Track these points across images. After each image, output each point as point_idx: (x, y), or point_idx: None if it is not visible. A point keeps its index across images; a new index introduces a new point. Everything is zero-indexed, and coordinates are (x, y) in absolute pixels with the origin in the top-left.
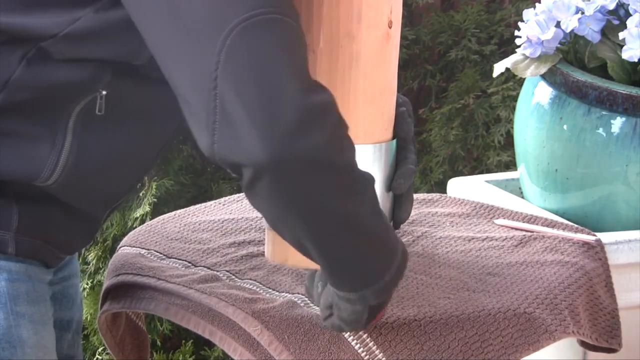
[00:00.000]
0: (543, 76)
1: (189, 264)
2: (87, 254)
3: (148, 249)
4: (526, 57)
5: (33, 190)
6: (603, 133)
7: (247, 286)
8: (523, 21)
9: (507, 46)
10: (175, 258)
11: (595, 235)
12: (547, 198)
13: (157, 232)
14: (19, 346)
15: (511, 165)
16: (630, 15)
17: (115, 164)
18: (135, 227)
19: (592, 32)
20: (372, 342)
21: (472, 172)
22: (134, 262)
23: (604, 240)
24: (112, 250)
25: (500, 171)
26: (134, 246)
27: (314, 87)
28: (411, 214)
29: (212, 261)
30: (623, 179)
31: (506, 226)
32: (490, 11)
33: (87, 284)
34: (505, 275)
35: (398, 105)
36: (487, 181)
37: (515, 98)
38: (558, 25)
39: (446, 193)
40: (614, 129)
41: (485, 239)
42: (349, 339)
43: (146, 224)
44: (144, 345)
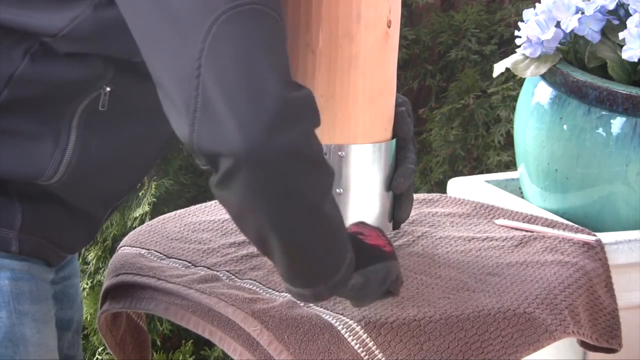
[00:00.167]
0: (543, 76)
1: (189, 264)
2: (87, 254)
3: (148, 249)
4: (526, 57)
5: (36, 189)
6: (603, 133)
7: (247, 286)
8: (523, 21)
9: (507, 46)
10: (175, 258)
11: (595, 235)
12: (547, 198)
13: (157, 232)
14: (22, 345)
15: (511, 165)
16: (630, 15)
17: (117, 163)
18: (135, 227)
19: (592, 32)
20: (372, 342)
21: (472, 172)
22: (134, 262)
23: (604, 240)
24: (112, 250)
25: (500, 171)
26: (134, 246)
27: (293, 82)
28: (411, 214)
29: (212, 261)
30: (623, 179)
31: (506, 226)
32: (490, 11)
33: (87, 284)
34: (505, 275)
35: (397, 105)
36: (487, 181)
37: (515, 98)
38: (558, 25)
39: (446, 193)
40: (614, 129)
41: (485, 239)
42: (349, 339)
43: (146, 224)
44: (145, 345)
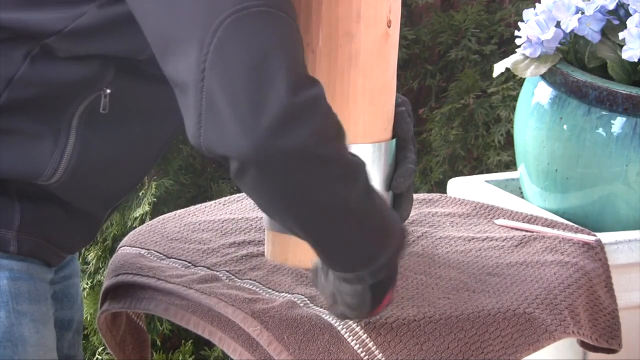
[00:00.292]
0: (543, 76)
1: (189, 264)
2: (87, 254)
3: (148, 249)
4: (526, 57)
5: (35, 188)
6: (603, 133)
7: (247, 286)
8: (523, 21)
9: (507, 46)
10: (175, 258)
11: (595, 235)
12: (547, 198)
13: (157, 232)
14: (20, 345)
15: (511, 165)
16: (630, 15)
17: (117, 164)
18: (134, 227)
19: (592, 32)
20: (372, 343)
21: (472, 172)
22: (134, 262)
23: (604, 240)
24: (112, 250)
25: (500, 171)
26: (134, 246)
27: (304, 81)
28: (411, 214)
29: (212, 261)
30: (623, 179)
31: (506, 226)
32: (490, 11)
33: (87, 284)
34: (505, 275)
35: (397, 104)
36: (487, 181)
37: (515, 98)
38: (558, 25)
39: (446, 193)
40: (614, 129)
41: (485, 239)
42: (349, 339)
43: (146, 224)
44: (145, 345)
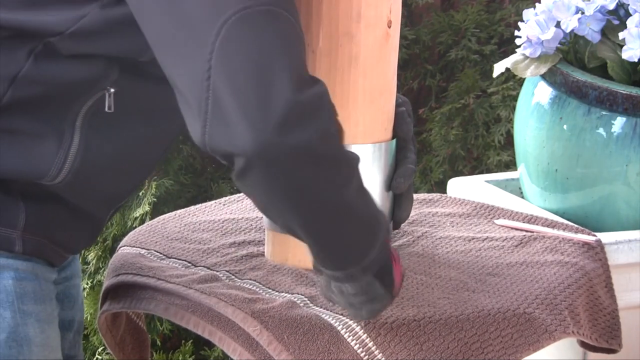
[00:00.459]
0: (543, 76)
1: (189, 264)
2: (87, 254)
3: (148, 249)
4: (526, 57)
5: (39, 189)
6: (603, 133)
7: (247, 286)
8: (523, 21)
9: (507, 46)
10: (175, 258)
11: (595, 235)
12: (547, 198)
13: (157, 232)
14: (26, 345)
15: (511, 165)
16: (630, 15)
17: (120, 164)
18: (135, 227)
19: (592, 32)
20: (372, 343)
21: (472, 172)
22: (134, 262)
23: (604, 240)
24: (112, 250)
25: (500, 171)
26: (134, 246)
27: (307, 80)
28: (411, 214)
29: (212, 261)
30: (623, 179)
31: (506, 226)
32: (490, 11)
33: (87, 284)
34: (505, 275)
35: (397, 105)
36: (487, 181)
37: (515, 98)
38: (558, 25)
39: (446, 193)
40: (614, 129)
41: (485, 239)
42: (348, 339)
43: (146, 224)
44: (145, 345)
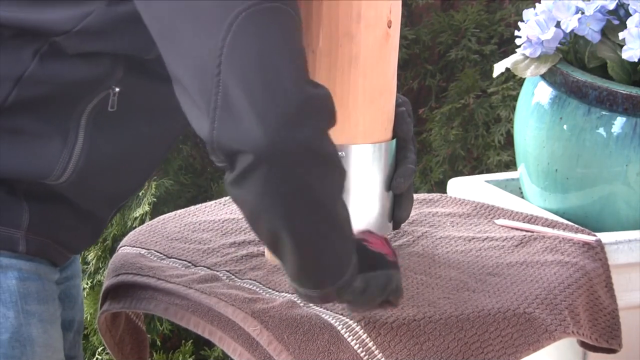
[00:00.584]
0: (543, 76)
1: (189, 264)
2: (87, 254)
3: (148, 249)
4: (526, 57)
5: (43, 188)
6: (603, 133)
7: (247, 286)
8: (523, 21)
9: (507, 46)
10: (175, 258)
11: (595, 235)
12: (547, 198)
13: (157, 232)
14: (29, 345)
15: (511, 165)
16: (630, 15)
17: (124, 163)
18: (134, 227)
19: (592, 32)
20: (372, 342)
21: (472, 172)
22: (134, 262)
23: (604, 240)
24: (112, 250)
25: (500, 171)
26: (134, 246)
27: (312, 81)
28: (411, 214)
29: (212, 261)
30: (623, 179)
31: (506, 226)
32: (490, 11)
33: (87, 284)
34: (505, 275)
35: (397, 105)
36: (487, 181)
37: (515, 98)
38: (558, 25)
39: (446, 193)
40: (614, 129)
41: (485, 239)
42: (348, 339)
43: (146, 224)
44: (144, 345)
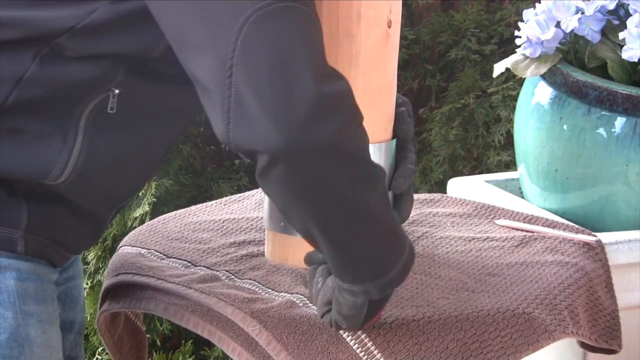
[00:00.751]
0: (543, 76)
1: (189, 264)
2: (87, 254)
3: (148, 249)
4: (526, 57)
5: (42, 189)
6: (603, 133)
7: (247, 286)
8: (523, 21)
9: (507, 46)
10: (175, 258)
11: (595, 235)
12: (547, 198)
13: (158, 232)
14: (27, 345)
15: (511, 165)
16: (630, 15)
17: (123, 164)
18: (134, 227)
19: (592, 32)
20: (371, 343)
21: (472, 172)
22: (134, 262)
23: (604, 240)
24: (112, 250)
25: (500, 171)
26: (134, 246)
27: (330, 76)
28: (412, 214)
29: (212, 261)
30: (623, 179)
31: (506, 226)
32: (490, 11)
33: (87, 284)
34: (505, 275)
35: (398, 105)
36: (487, 181)
37: (515, 98)
38: (558, 25)
39: (446, 193)
40: (614, 129)
41: (485, 239)
42: (348, 339)
43: (146, 224)
44: (142, 345)
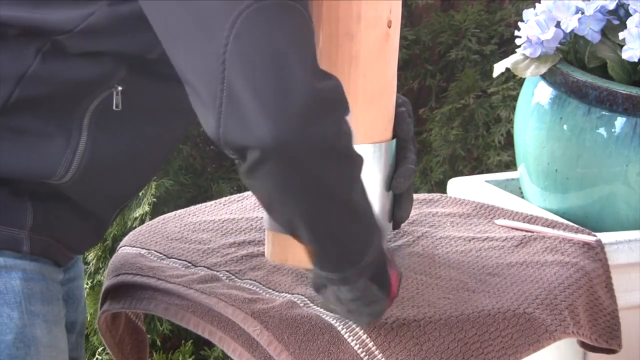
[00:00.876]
0: (543, 76)
1: (189, 264)
2: (87, 254)
3: (148, 249)
4: (526, 57)
5: (46, 188)
6: (603, 133)
7: (247, 286)
8: (523, 21)
9: (507, 46)
10: (175, 258)
11: (595, 235)
12: (547, 198)
13: (158, 232)
14: (33, 345)
15: (511, 165)
16: (630, 15)
17: (127, 163)
18: (134, 227)
19: (592, 32)
20: (372, 343)
21: (472, 172)
22: (134, 262)
23: (604, 240)
24: (112, 250)
25: (500, 171)
26: (134, 246)
27: (322, 73)
28: (411, 214)
29: (212, 261)
30: (623, 179)
31: (506, 226)
32: (490, 11)
33: (87, 284)
34: (505, 275)
35: (398, 105)
36: (487, 181)
37: (515, 98)
38: (558, 25)
39: (446, 193)
40: (614, 129)
41: (485, 239)
42: (349, 339)
43: (146, 224)
44: (143, 345)
